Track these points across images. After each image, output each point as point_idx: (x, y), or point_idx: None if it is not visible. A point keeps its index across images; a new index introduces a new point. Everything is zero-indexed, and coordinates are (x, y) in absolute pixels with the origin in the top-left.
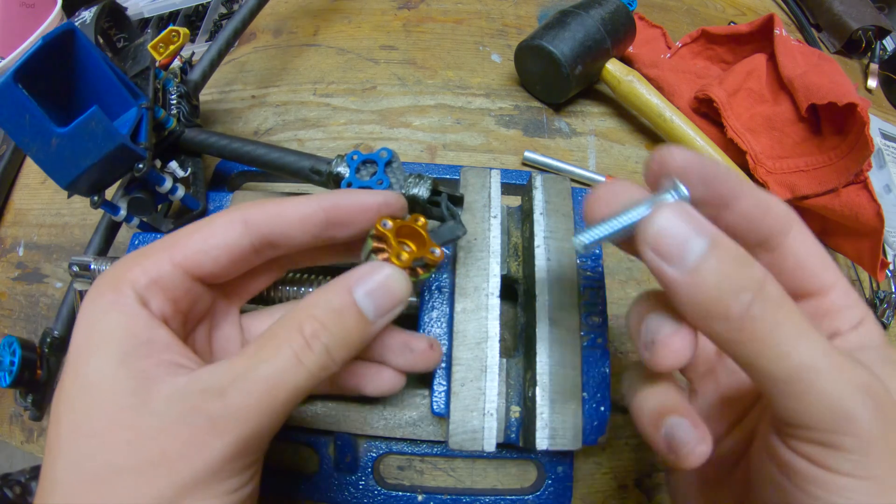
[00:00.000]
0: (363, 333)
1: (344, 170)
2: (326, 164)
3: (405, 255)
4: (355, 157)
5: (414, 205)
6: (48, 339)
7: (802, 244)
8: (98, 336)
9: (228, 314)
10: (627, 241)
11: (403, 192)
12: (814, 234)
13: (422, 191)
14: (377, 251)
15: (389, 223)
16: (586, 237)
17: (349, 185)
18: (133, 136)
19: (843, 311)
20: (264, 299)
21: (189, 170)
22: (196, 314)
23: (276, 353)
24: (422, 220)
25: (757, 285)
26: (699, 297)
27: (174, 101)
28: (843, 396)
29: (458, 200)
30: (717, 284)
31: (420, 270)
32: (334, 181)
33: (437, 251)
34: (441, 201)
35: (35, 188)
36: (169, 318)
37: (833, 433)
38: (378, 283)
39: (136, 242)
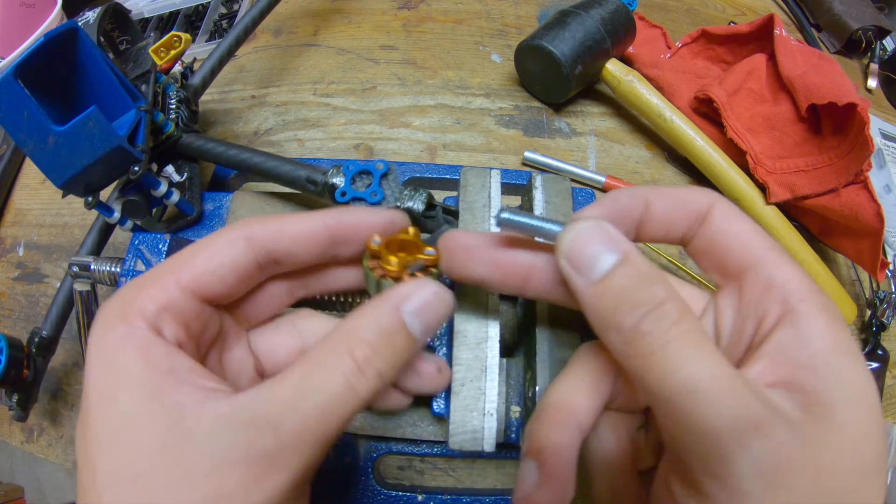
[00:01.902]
0: (410, 353)
1: (339, 180)
2: (322, 174)
3: (394, 260)
4: (351, 167)
5: (409, 218)
6: (36, 339)
7: (718, 227)
8: (117, 373)
9: (239, 337)
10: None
11: (398, 204)
12: (813, 231)
13: (417, 204)
14: (374, 268)
15: (378, 239)
16: (508, 214)
17: (343, 194)
18: (130, 139)
19: (766, 296)
20: None
21: (185, 175)
22: (207, 338)
23: (328, 380)
24: (411, 230)
25: (654, 303)
26: (598, 307)
27: (173, 106)
28: (719, 431)
29: (453, 214)
30: (615, 297)
31: (419, 274)
32: (329, 191)
33: (432, 250)
34: (436, 214)
35: (35, 188)
36: (183, 343)
37: (702, 474)
38: (424, 301)
39: (137, 242)
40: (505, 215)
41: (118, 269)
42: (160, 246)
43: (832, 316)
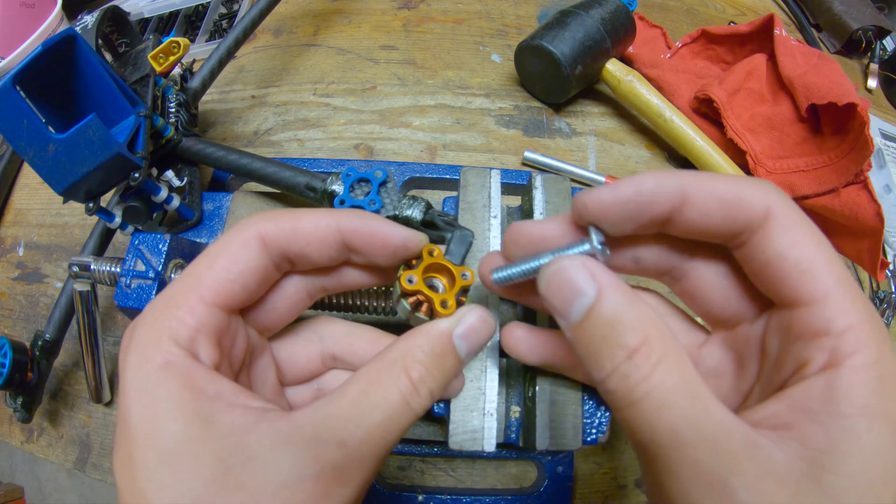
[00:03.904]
0: (456, 372)
1: (338, 188)
2: (321, 181)
3: (450, 301)
4: (350, 174)
5: (407, 226)
6: (39, 342)
7: (776, 246)
8: (163, 404)
9: (263, 348)
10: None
11: (397, 213)
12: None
13: (415, 212)
14: (416, 306)
15: (415, 278)
16: (501, 274)
17: (342, 202)
18: (130, 145)
19: (817, 342)
20: None
21: (185, 179)
22: (239, 355)
23: (386, 397)
24: (436, 250)
25: (624, 354)
26: (579, 355)
27: (173, 110)
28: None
29: (450, 223)
30: (587, 346)
31: (463, 298)
32: (328, 199)
33: (468, 274)
34: (433, 218)
35: (35, 188)
36: (219, 364)
37: None
38: (473, 326)
39: (136, 242)
40: (496, 276)
41: (118, 269)
42: (160, 246)
43: (882, 375)
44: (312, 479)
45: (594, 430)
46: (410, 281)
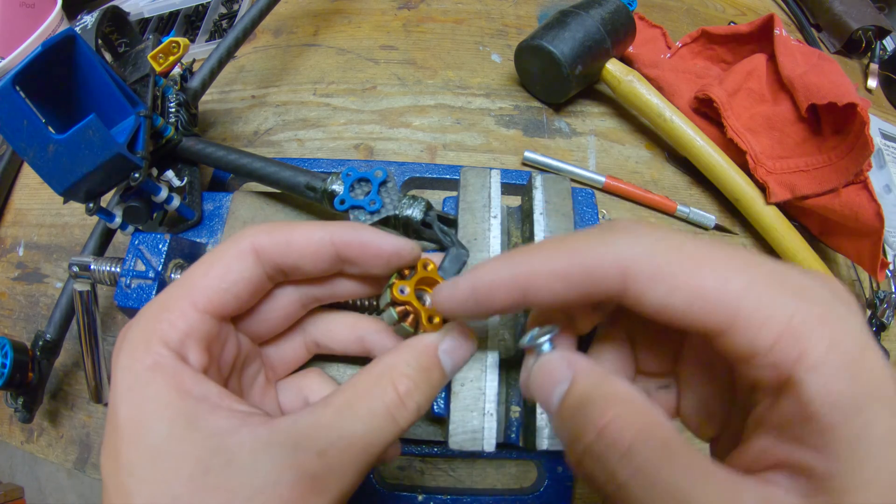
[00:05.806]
0: (441, 387)
1: (338, 187)
2: (321, 180)
3: (436, 319)
4: (350, 174)
5: (407, 226)
6: (40, 343)
7: (650, 299)
8: (150, 404)
9: (253, 351)
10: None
11: (397, 212)
12: (813, 231)
13: (415, 212)
14: (403, 316)
15: (407, 289)
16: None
17: (342, 202)
18: (130, 145)
19: (753, 364)
20: None
21: (185, 179)
22: (228, 360)
23: (371, 409)
24: (430, 264)
25: (591, 436)
26: (561, 440)
27: (173, 110)
28: None
29: (450, 223)
30: (563, 432)
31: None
32: (328, 198)
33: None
34: (432, 223)
35: (35, 188)
36: (207, 368)
37: None
38: (455, 342)
39: (136, 242)
40: (522, 342)
41: (118, 269)
42: (160, 246)
43: (845, 357)
44: (289, 485)
45: None
46: (402, 291)
